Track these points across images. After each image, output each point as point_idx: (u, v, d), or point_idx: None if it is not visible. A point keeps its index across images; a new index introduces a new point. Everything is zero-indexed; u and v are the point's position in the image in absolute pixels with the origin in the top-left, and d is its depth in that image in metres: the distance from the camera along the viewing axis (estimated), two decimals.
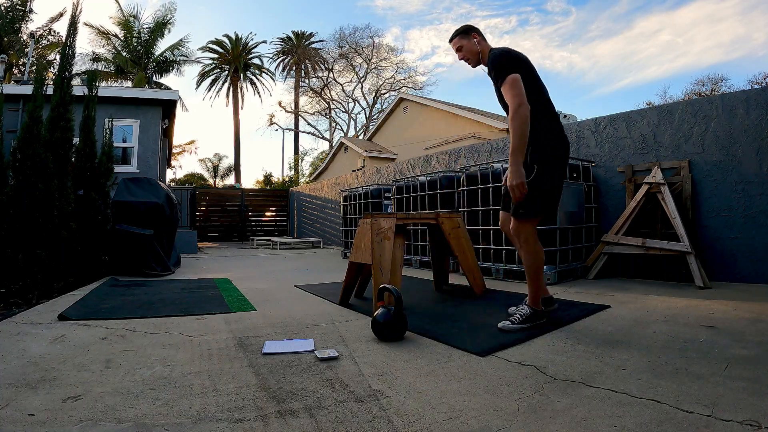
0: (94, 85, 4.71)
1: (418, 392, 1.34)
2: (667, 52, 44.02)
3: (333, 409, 1.22)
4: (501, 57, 2.07)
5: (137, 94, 8.43)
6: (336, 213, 9.88)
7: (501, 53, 2.09)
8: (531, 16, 47.33)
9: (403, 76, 27.41)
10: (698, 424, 1.08)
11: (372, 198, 6.30)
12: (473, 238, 4.17)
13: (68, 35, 4.14)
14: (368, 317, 2.29)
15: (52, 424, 1.13)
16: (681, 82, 49.18)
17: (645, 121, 4.01)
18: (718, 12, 38.20)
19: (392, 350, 1.80)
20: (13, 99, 6.80)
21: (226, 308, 2.71)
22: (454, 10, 45.31)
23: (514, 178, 1.97)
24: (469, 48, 2.22)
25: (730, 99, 3.53)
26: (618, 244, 3.71)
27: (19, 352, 1.76)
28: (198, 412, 1.21)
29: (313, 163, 27.21)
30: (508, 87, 1.98)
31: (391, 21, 47.62)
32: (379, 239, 2.56)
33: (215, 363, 1.65)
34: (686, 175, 3.67)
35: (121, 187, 4.82)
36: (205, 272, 4.93)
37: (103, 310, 2.60)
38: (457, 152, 6.18)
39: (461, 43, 2.24)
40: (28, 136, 3.57)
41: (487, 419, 1.15)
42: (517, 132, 1.95)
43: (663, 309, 2.50)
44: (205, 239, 12.79)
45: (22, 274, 3.32)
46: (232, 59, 26.48)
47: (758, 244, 3.33)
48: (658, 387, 1.33)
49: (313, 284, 3.79)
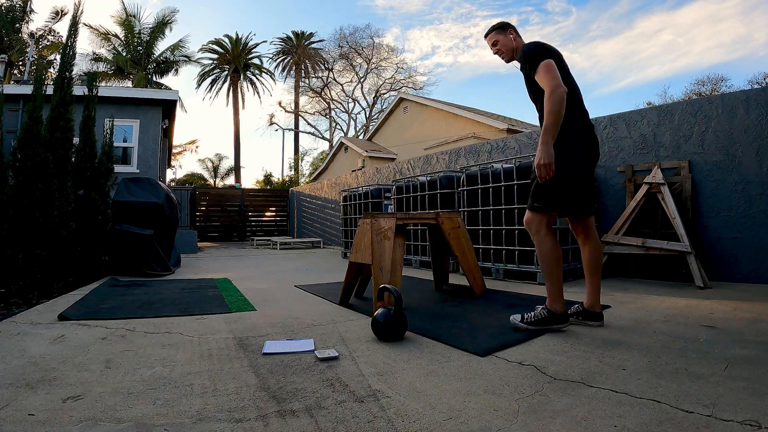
0: (95, 85, 4.71)
1: (418, 392, 1.34)
2: (668, 52, 44.11)
3: (333, 409, 1.22)
4: (534, 47, 2.08)
5: (137, 94, 8.43)
6: (336, 213, 9.88)
7: (534, 44, 2.10)
8: (531, 16, 47.36)
9: (403, 76, 27.47)
10: (698, 424, 1.08)
11: (372, 198, 6.30)
12: (473, 238, 4.17)
13: (69, 35, 4.14)
14: (368, 317, 2.29)
15: (52, 424, 1.12)
16: (682, 82, 49.18)
17: (645, 121, 4.01)
18: (719, 12, 38.27)
19: (392, 350, 1.80)
20: (13, 99, 6.80)
21: (226, 308, 2.71)
22: (454, 10, 45.40)
23: (543, 158, 1.92)
24: (505, 43, 2.24)
25: (730, 99, 3.53)
26: (618, 244, 3.71)
27: (19, 352, 1.76)
28: (198, 412, 1.21)
29: (313, 163, 27.22)
30: (543, 72, 1.96)
31: (391, 21, 47.69)
32: (379, 239, 2.56)
33: (215, 363, 1.65)
34: (686, 175, 3.67)
35: (121, 187, 4.82)
36: (205, 272, 4.93)
37: (103, 310, 2.60)
38: (457, 152, 6.18)
39: (497, 38, 2.26)
40: (28, 136, 3.57)
41: (487, 419, 1.15)
42: (552, 111, 1.90)
43: (663, 309, 2.50)
44: (205, 239, 12.79)
45: (22, 274, 3.32)
46: (232, 59, 26.48)
47: (758, 244, 3.33)
48: (658, 387, 1.33)
49: (313, 284, 3.79)
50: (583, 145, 2.07)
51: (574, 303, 2.25)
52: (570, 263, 3.83)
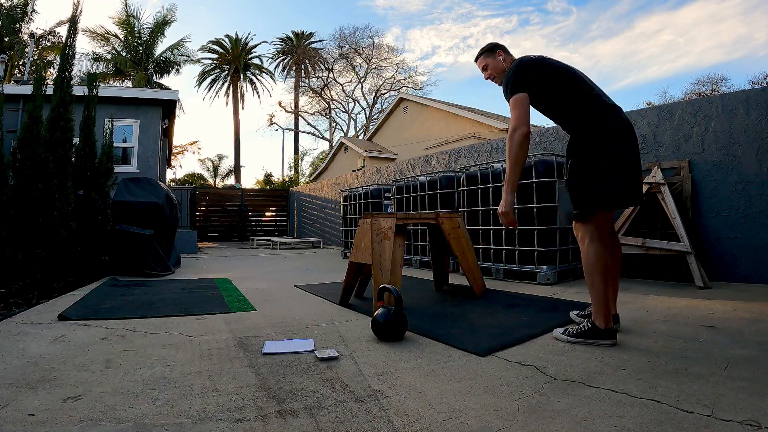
0: (95, 85, 4.71)
1: (418, 392, 1.34)
2: (669, 52, 44.11)
3: (333, 409, 1.22)
4: (509, 75, 1.96)
5: (137, 94, 8.43)
6: (336, 213, 9.88)
7: (510, 71, 1.97)
8: (531, 15, 47.38)
9: (403, 76, 27.45)
10: (698, 424, 1.08)
11: (372, 198, 6.30)
12: (473, 238, 4.17)
13: (68, 35, 4.14)
14: (368, 317, 2.29)
15: (52, 424, 1.12)
16: (682, 82, 49.18)
17: (645, 121, 4.01)
18: (719, 12, 38.27)
19: (392, 350, 1.80)
20: (13, 99, 6.80)
21: (226, 308, 2.71)
22: (454, 10, 45.40)
23: (501, 207, 1.90)
24: (495, 66, 2.14)
25: (730, 99, 3.53)
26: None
27: (19, 352, 1.76)
28: (198, 412, 1.21)
29: (313, 163, 27.23)
30: (511, 108, 1.89)
31: (391, 21, 47.69)
32: (379, 239, 2.56)
33: (215, 363, 1.65)
34: (686, 175, 3.67)
35: (121, 187, 4.82)
36: (205, 272, 4.93)
37: (103, 310, 2.60)
38: (457, 152, 6.18)
39: (486, 62, 2.16)
40: (28, 136, 3.57)
41: (487, 419, 1.15)
42: (509, 156, 1.86)
43: (663, 309, 2.50)
44: (205, 239, 12.79)
45: (22, 274, 3.32)
46: (232, 59, 26.48)
47: (758, 244, 3.33)
48: (658, 387, 1.33)
49: (313, 284, 3.79)
50: (606, 128, 1.84)
51: (576, 303, 2.24)
52: (570, 263, 3.83)
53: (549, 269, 3.59)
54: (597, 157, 1.83)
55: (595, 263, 1.82)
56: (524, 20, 46.92)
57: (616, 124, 1.86)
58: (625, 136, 1.86)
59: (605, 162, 1.81)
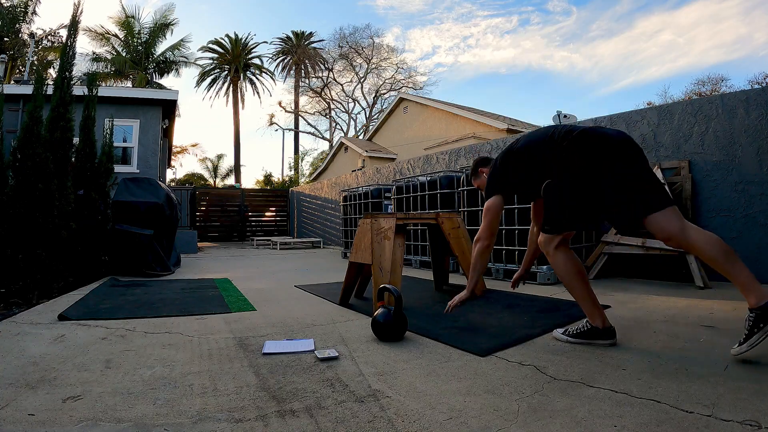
0: (95, 85, 4.71)
1: (418, 392, 1.34)
2: (669, 52, 44.07)
3: (333, 409, 1.22)
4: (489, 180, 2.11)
5: (137, 94, 8.44)
6: (336, 213, 9.88)
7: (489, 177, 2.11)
8: (532, 15, 47.33)
9: (404, 76, 27.46)
10: (698, 424, 1.08)
11: (372, 198, 6.30)
12: (473, 238, 4.16)
13: (69, 35, 4.14)
14: (368, 317, 2.29)
15: (52, 424, 1.12)
16: (682, 82, 49.16)
17: (645, 121, 4.01)
18: (719, 12, 38.24)
19: (392, 350, 1.80)
20: (13, 99, 6.81)
21: (226, 308, 2.71)
22: (455, 10, 45.39)
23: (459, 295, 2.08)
24: (481, 185, 2.33)
25: (730, 99, 3.53)
26: (618, 244, 3.71)
27: (19, 352, 1.76)
28: (198, 412, 1.21)
29: (313, 163, 27.22)
30: (483, 213, 2.08)
31: (391, 21, 47.69)
32: (379, 239, 2.56)
33: (215, 363, 1.65)
34: (686, 175, 3.67)
35: (121, 187, 4.82)
36: (205, 272, 4.93)
37: (103, 310, 2.60)
38: (457, 152, 6.18)
39: (475, 183, 2.41)
40: (28, 136, 3.57)
41: (487, 419, 1.15)
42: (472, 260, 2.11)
43: (663, 309, 2.50)
44: (205, 239, 12.79)
45: (22, 274, 3.32)
46: (232, 59, 26.48)
47: (758, 244, 3.33)
48: (658, 387, 1.33)
49: (313, 284, 3.79)
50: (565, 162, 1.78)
51: (575, 303, 2.23)
52: None
53: (549, 269, 3.59)
54: (565, 189, 1.81)
55: (566, 273, 1.85)
56: (524, 20, 46.91)
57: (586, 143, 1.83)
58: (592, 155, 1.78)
59: (571, 189, 1.79)
